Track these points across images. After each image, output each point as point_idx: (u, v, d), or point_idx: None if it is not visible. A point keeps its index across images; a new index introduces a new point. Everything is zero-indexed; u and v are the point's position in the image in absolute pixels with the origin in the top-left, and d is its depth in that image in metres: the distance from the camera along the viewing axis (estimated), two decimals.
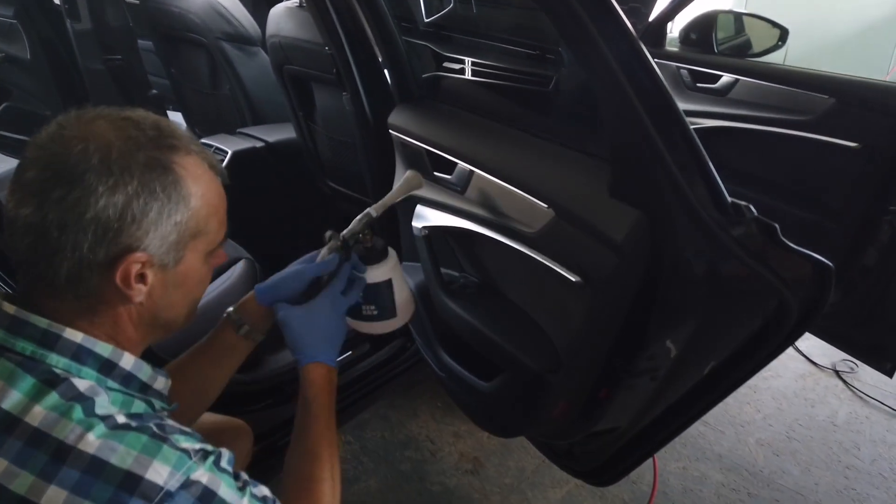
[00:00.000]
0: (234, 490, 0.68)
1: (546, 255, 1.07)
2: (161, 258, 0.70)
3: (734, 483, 1.87)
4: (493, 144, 1.23)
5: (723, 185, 0.79)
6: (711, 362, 1.02)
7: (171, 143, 0.70)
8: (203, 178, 0.72)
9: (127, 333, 0.74)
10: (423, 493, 1.84)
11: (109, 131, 0.67)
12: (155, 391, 0.77)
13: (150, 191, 0.67)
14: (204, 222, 0.73)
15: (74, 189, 0.64)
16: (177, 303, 0.76)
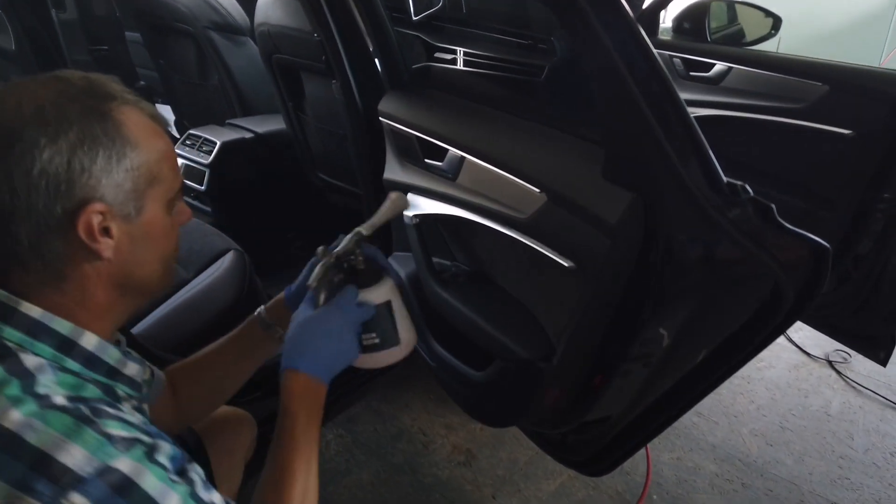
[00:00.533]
0: (163, 483, 0.63)
1: (538, 241, 1.06)
2: (121, 208, 0.68)
3: (728, 473, 1.87)
4: (485, 130, 1.21)
5: (718, 165, 0.77)
6: (706, 348, 1.01)
7: (104, 91, 0.69)
8: (145, 125, 0.71)
9: (96, 298, 0.71)
10: (415, 486, 1.82)
11: (39, 88, 0.66)
12: (125, 377, 0.75)
13: (92, 137, 0.65)
14: (157, 168, 0.71)
15: (15, 146, 0.63)
16: (147, 259, 0.74)
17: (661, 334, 0.98)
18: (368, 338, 0.93)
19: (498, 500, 1.78)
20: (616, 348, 1.03)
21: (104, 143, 0.66)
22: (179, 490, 0.64)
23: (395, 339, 0.95)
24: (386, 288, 0.95)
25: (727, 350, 1.02)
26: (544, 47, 1.66)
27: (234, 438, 1.17)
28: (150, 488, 0.61)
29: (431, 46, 1.77)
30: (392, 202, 1.05)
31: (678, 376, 1.07)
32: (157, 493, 0.62)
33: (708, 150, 0.77)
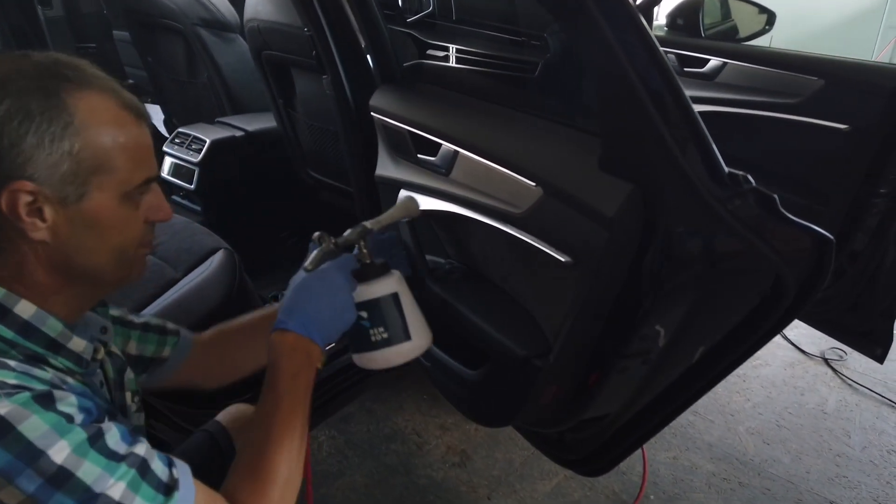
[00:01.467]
0: (50, 428, 0.60)
1: (534, 236, 1.03)
2: (57, 191, 0.66)
3: (725, 472, 1.85)
4: (479, 124, 1.19)
5: (719, 154, 0.75)
6: (705, 344, 0.99)
7: (65, 73, 0.67)
8: (106, 113, 0.68)
9: (35, 277, 0.70)
10: (409, 487, 1.79)
11: (2, 63, 0.66)
12: (69, 351, 0.73)
13: (25, 112, 0.63)
14: (106, 157, 0.68)
15: None
16: (92, 247, 0.71)
17: (660, 330, 0.96)
18: (376, 332, 0.91)
19: (493, 501, 1.75)
20: (614, 344, 1.00)
21: (40, 120, 0.64)
22: (73, 437, 0.61)
23: (404, 335, 0.92)
24: (392, 280, 0.92)
25: (727, 345, 1.01)
26: (537, 44, 1.64)
27: None
28: (29, 431, 0.58)
29: (423, 44, 1.75)
30: (403, 203, 1.04)
31: (677, 373, 1.05)
32: (38, 436, 0.59)
33: (709, 139, 0.75)
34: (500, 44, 1.72)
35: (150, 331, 0.99)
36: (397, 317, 0.92)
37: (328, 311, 0.85)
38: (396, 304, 0.92)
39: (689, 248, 0.84)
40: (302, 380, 0.81)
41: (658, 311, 0.93)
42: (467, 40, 1.73)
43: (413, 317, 0.94)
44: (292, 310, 0.84)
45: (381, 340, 0.91)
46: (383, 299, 0.91)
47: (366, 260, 0.93)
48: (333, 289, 0.86)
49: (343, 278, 0.87)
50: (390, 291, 0.91)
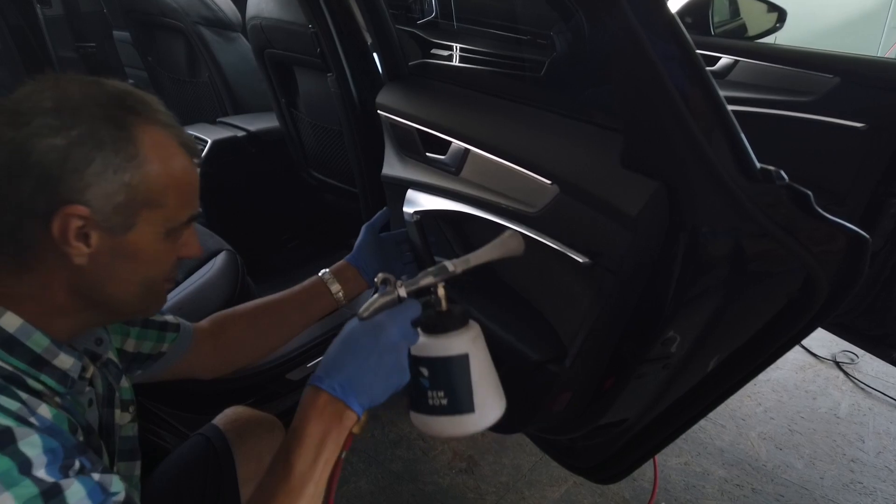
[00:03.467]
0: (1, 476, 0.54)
1: (549, 236, 1.00)
2: (107, 219, 0.66)
3: (737, 478, 1.81)
4: (490, 121, 1.15)
5: (750, 148, 0.72)
6: (730, 347, 0.95)
7: (134, 106, 0.68)
8: (166, 150, 0.70)
9: (55, 298, 0.69)
10: (416, 494, 1.75)
11: (73, 87, 0.66)
12: (55, 369, 0.69)
13: (96, 141, 0.64)
14: (160, 193, 0.69)
15: (21, 130, 0.63)
16: (123, 277, 0.71)
17: (683, 334, 0.92)
18: (435, 396, 0.78)
19: None
20: (633, 349, 0.97)
21: (107, 150, 0.65)
22: (22, 490, 0.55)
23: (466, 405, 0.78)
24: (465, 337, 0.78)
25: (751, 349, 0.97)
26: (543, 42, 1.61)
27: (263, 444, 1.13)
28: None
29: (428, 43, 1.72)
30: (503, 242, 0.87)
31: (698, 378, 1.01)
32: None
33: (739, 131, 0.71)
34: (506, 42, 1.69)
35: (149, 327, 0.97)
36: (463, 382, 0.78)
37: (373, 371, 0.74)
38: (463, 368, 0.78)
39: (718, 247, 0.80)
40: (325, 448, 0.72)
41: (681, 315, 0.89)
42: (472, 39, 1.69)
43: (483, 384, 0.79)
44: (331, 366, 0.74)
45: (438, 406, 0.78)
46: (448, 360, 0.77)
47: (440, 308, 0.79)
48: (385, 346, 0.74)
49: (399, 333, 0.75)
50: (459, 352, 0.77)
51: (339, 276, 1.16)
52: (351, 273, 1.18)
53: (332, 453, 0.72)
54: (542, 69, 1.42)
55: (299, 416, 0.73)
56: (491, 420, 0.81)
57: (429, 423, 0.80)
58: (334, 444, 0.72)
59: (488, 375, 0.81)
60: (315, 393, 0.73)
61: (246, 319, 1.10)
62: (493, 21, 1.79)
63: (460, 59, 1.59)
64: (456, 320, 0.79)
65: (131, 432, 0.90)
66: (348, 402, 0.72)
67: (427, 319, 0.79)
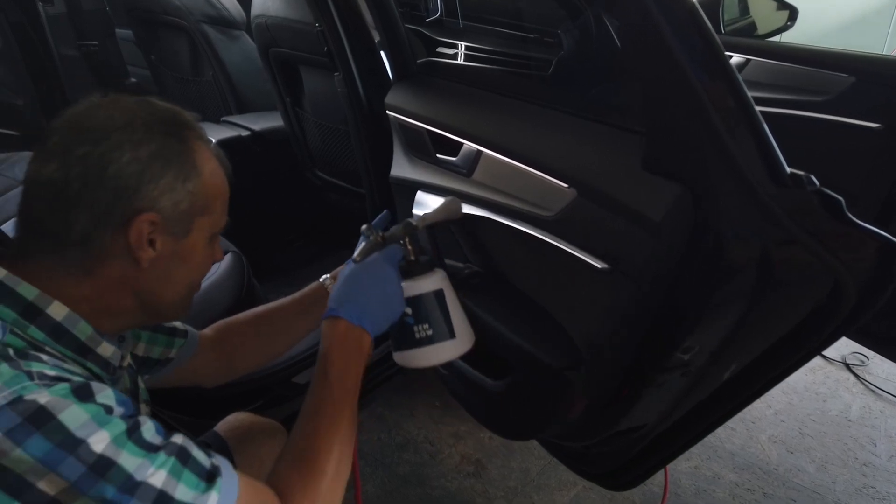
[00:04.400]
0: (90, 418, 0.60)
1: (566, 241, 0.97)
2: (172, 225, 0.72)
3: (748, 482, 1.79)
4: (504, 122, 1.13)
5: (780, 153, 0.69)
6: (751, 355, 0.93)
7: (184, 120, 0.75)
8: (212, 162, 0.77)
9: (109, 300, 0.73)
10: (423, 498, 1.73)
11: (130, 105, 0.72)
12: (97, 356, 0.74)
13: (168, 153, 0.71)
14: (211, 201, 0.76)
15: (100, 145, 0.67)
16: (176, 279, 0.77)
17: (704, 341, 0.90)
18: (420, 329, 0.91)
19: None
20: (653, 356, 0.94)
21: (177, 162, 0.71)
22: (112, 427, 0.61)
23: (449, 332, 0.92)
24: (437, 277, 0.93)
25: (774, 357, 0.95)
26: (551, 41, 1.58)
27: (265, 450, 1.13)
28: (69, 421, 0.58)
29: (433, 41, 1.69)
30: (446, 205, 1.05)
31: (717, 386, 0.99)
32: (78, 426, 0.59)
33: (768, 134, 0.69)
34: (512, 41, 1.67)
35: (159, 332, 0.98)
36: (442, 314, 0.92)
37: (379, 300, 0.85)
38: (441, 301, 0.92)
39: (742, 254, 0.77)
40: (353, 369, 0.81)
41: (703, 323, 0.86)
42: (478, 38, 1.67)
43: (458, 316, 0.93)
44: (343, 299, 0.85)
45: (424, 338, 0.91)
46: (428, 296, 0.91)
47: (410, 257, 0.93)
48: (383, 279, 0.87)
49: (392, 269, 0.88)
50: (435, 288, 0.92)
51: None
52: None
53: (358, 373, 0.82)
54: (549, 68, 1.40)
55: (326, 343, 0.82)
56: (468, 345, 0.95)
57: (416, 356, 0.92)
58: (357, 364, 0.82)
59: (460, 309, 0.95)
60: (334, 322, 0.83)
61: (249, 327, 1.10)
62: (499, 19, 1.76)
63: (466, 57, 1.57)
64: (425, 265, 0.93)
65: None
66: (364, 327, 0.83)
67: (403, 267, 0.92)
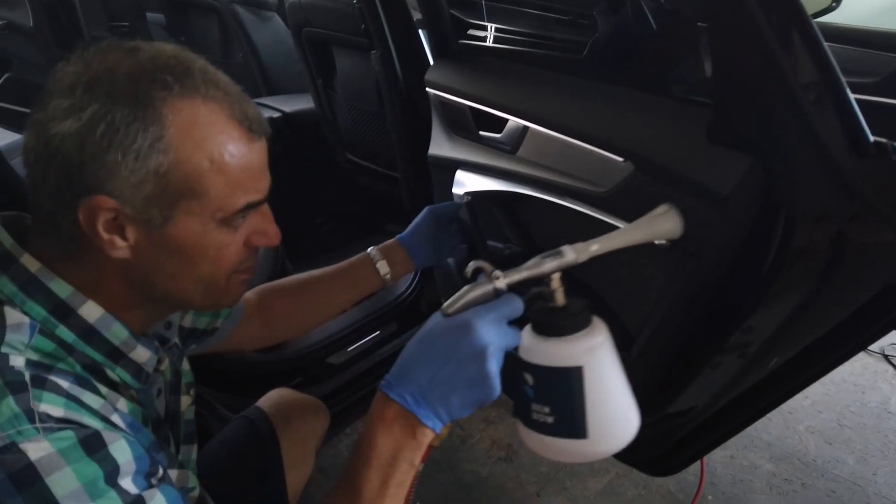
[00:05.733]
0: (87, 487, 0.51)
1: (621, 217, 0.95)
2: (139, 211, 0.59)
3: (786, 473, 1.76)
4: (551, 95, 1.10)
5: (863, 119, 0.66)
6: (812, 337, 0.90)
7: (163, 77, 0.58)
8: (208, 128, 0.59)
9: (112, 290, 0.64)
10: (455, 484, 1.72)
11: (101, 57, 0.58)
12: (130, 362, 0.66)
13: (109, 122, 0.56)
14: (198, 180, 0.60)
15: (41, 113, 0.58)
16: (175, 273, 0.64)
17: (766, 322, 0.87)
18: (539, 411, 0.64)
19: (543, 499, 1.68)
20: (709, 337, 0.91)
21: (124, 133, 0.56)
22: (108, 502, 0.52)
23: (576, 429, 0.63)
24: (584, 345, 0.63)
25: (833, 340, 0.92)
26: (585, 23, 1.55)
27: (307, 426, 1.13)
28: (58, 488, 0.50)
29: (464, 23, 1.66)
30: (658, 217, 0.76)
31: (777, 366, 0.96)
32: (66, 495, 0.50)
33: (850, 97, 0.66)
34: (545, 22, 1.63)
35: None
36: (573, 401, 0.63)
37: (453, 381, 0.61)
38: (575, 384, 0.62)
39: (818, 231, 0.74)
40: (397, 469, 0.62)
41: (767, 304, 0.83)
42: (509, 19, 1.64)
43: (603, 405, 0.64)
44: (405, 371, 0.63)
45: (542, 423, 0.64)
46: (556, 371, 0.63)
47: (555, 303, 0.65)
48: (468, 352, 0.61)
49: (489, 335, 0.61)
50: (571, 364, 0.62)
51: (388, 256, 1.10)
52: (401, 255, 1.12)
53: (404, 475, 0.63)
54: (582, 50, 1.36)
55: (367, 429, 0.63)
56: (611, 448, 0.65)
57: (534, 440, 0.66)
58: (407, 463, 0.62)
59: (611, 394, 0.65)
60: (384, 403, 0.63)
61: (293, 295, 1.08)
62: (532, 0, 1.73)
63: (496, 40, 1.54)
64: (574, 320, 0.63)
65: (190, 416, 0.88)
66: (421, 417, 0.61)
67: (537, 315, 0.65)
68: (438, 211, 1.13)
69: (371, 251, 1.10)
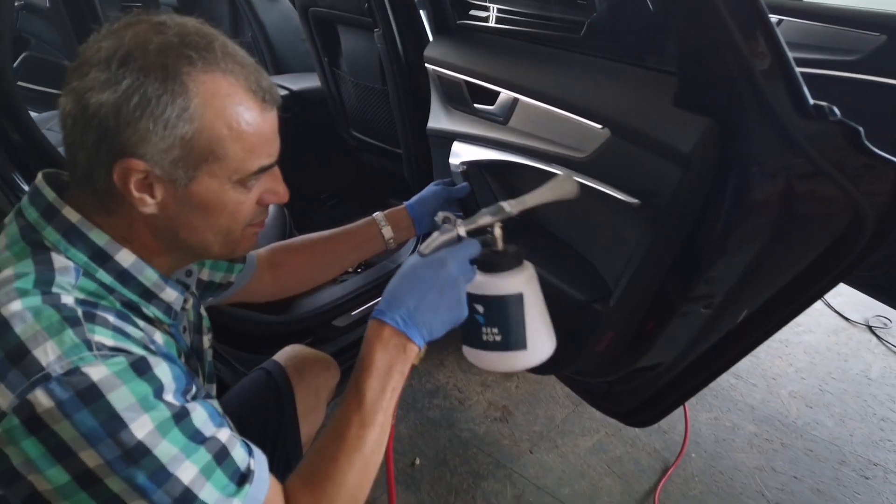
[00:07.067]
0: (138, 401, 0.60)
1: (599, 180, 1.03)
2: (167, 172, 0.66)
3: (767, 433, 1.85)
4: (540, 69, 1.19)
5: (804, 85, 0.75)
6: (773, 287, 0.99)
7: (187, 53, 0.65)
8: (227, 98, 0.67)
9: (143, 240, 0.72)
10: (452, 440, 1.83)
11: (132, 32, 0.65)
12: (160, 301, 0.75)
13: (142, 94, 0.63)
14: (220, 145, 0.67)
15: (81, 82, 0.64)
16: (197, 226, 0.72)
17: (728, 272, 0.96)
18: (489, 332, 0.81)
19: (536, 455, 1.78)
20: (677, 288, 1.01)
21: (155, 104, 0.63)
22: (158, 413, 0.61)
23: (520, 342, 0.81)
24: (521, 278, 0.81)
25: (790, 292, 1.00)
26: (583, 2, 1.62)
27: (319, 379, 1.22)
28: (118, 402, 0.59)
29: (466, 4, 1.74)
30: (557, 183, 0.90)
31: (738, 319, 1.05)
32: (125, 408, 0.59)
33: (793, 66, 0.74)
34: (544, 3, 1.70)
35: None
36: (516, 320, 0.81)
37: (434, 306, 0.76)
38: (518, 307, 0.81)
39: (768, 184, 0.83)
40: (392, 378, 0.75)
41: (728, 253, 0.92)
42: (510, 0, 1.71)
43: (536, 323, 0.82)
44: (394, 300, 0.76)
45: (492, 342, 0.81)
46: (504, 298, 0.80)
47: (495, 247, 0.82)
48: (445, 281, 0.76)
49: (459, 269, 0.78)
50: (514, 291, 0.80)
51: (393, 222, 1.20)
52: (405, 221, 1.22)
53: (397, 382, 0.76)
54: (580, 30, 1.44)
55: (366, 349, 0.76)
56: (541, 357, 0.84)
57: (482, 357, 0.84)
58: (399, 374, 0.75)
59: (541, 315, 0.84)
60: (379, 326, 0.75)
61: (304, 253, 1.17)
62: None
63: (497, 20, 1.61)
64: (512, 260, 0.82)
65: (210, 357, 0.97)
66: (410, 335, 0.75)
67: (484, 258, 0.81)
68: (448, 192, 1.24)
69: (377, 216, 1.19)
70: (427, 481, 1.70)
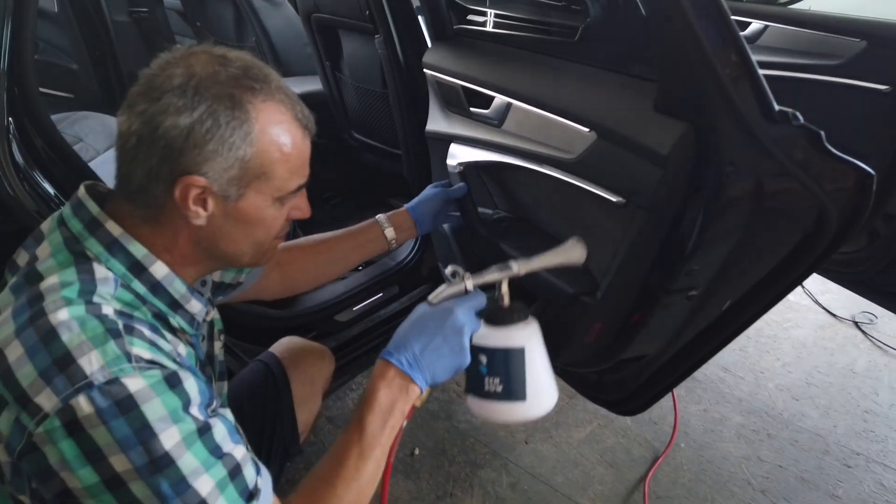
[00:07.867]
0: (169, 413, 0.65)
1: (586, 180, 1.10)
2: (222, 189, 0.73)
3: (754, 424, 1.92)
4: (532, 75, 1.25)
5: (770, 92, 0.81)
6: (749, 280, 1.05)
7: (251, 84, 0.73)
8: (280, 125, 0.75)
9: (183, 250, 0.78)
10: (451, 431, 1.89)
11: (200, 62, 0.72)
12: (186, 312, 0.81)
13: (214, 120, 0.70)
14: (270, 166, 0.74)
15: (153, 105, 0.70)
16: (237, 238, 0.79)
17: (706, 266, 1.02)
18: (492, 382, 0.86)
19: (531, 446, 1.85)
20: (660, 281, 1.07)
21: (224, 130, 0.70)
22: (185, 426, 0.66)
23: (519, 394, 0.87)
24: (525, 332, 0.88)
25: (767, 283, 1.07)
26: (577, 8, 1.68)
27: (315, 370, 1.29)
28: (151, 414, 0.64)
29: (463, 9, 1.80)
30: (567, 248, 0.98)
31: (719, 311, 1.12)
32: (157, 419, 0.64)
33: (760, 76, 0.81)
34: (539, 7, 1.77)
35: None
36: (518, 372, 0.87)
37: (438, 351, 0.83)
38: (519, 360, 0.87)
39: (740, 184, 0.90)
40: (392, 416, 0.81)
41: (705, 247, 0.99)
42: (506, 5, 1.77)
43: (537, 376, 0.88)
44: (401, 343, 0.84)
45: (494, 392, 0.87)
46: (507, 351, 0.86)
47: (502, 303, 0.89)
48: (451, 329, 0.83)
49: (464, 319, 0.85)
50: (517, 345, 0.86)
51: (395, 223, 1.27)
52: (407, 222, 1.29)
53: (397, 421, 0.82)
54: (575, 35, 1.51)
55: (371, 385, 0.82)
56: (541, 410, 0.89)
57: (483, 407, 0.90)
58: (400, 413, 0.82)
59: (542, 368, 0.90)
60: (385, 366, 0.83)
61: (310, 253, 1.24)
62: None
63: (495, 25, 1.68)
64: (517, 315, 0.88)
65: (222, 356, 1.03)
66: (413, 377, 0.82)
67: (490, 311, 0.88)
68: (447, 193, 1.32)
69: (379, 218, 1.26)
70: (426, 470, 1.77)
